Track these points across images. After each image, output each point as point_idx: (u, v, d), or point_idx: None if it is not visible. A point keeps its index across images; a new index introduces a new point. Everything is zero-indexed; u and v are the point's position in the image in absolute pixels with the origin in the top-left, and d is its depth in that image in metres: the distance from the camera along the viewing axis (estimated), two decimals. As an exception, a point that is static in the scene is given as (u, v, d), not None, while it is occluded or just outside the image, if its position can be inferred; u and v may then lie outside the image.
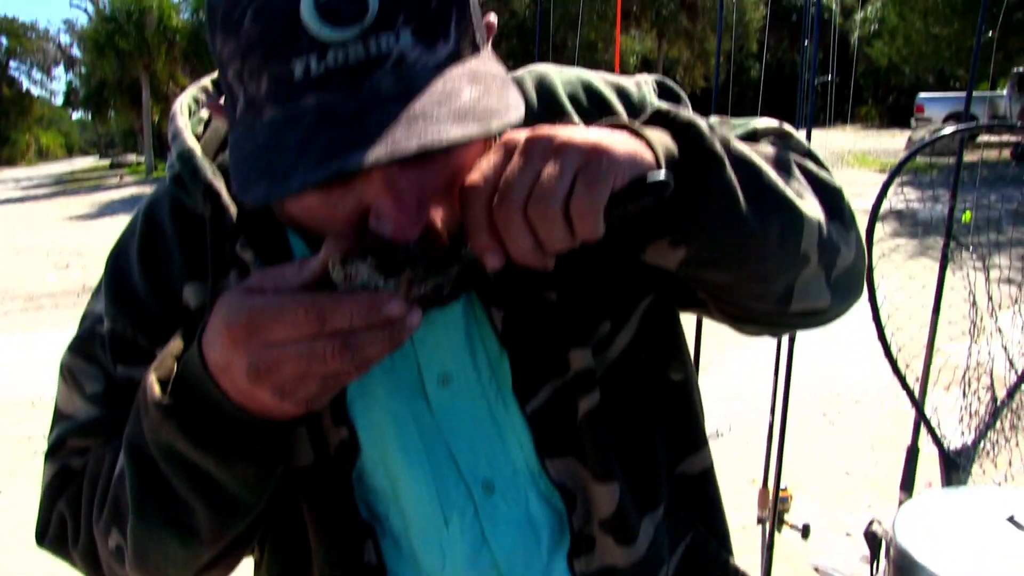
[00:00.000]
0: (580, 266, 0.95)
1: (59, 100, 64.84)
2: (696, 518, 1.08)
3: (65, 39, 58.28)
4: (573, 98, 1.00)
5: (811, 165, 0.95)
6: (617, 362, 0.99)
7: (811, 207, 0.89)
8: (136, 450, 0.83)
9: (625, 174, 0.73)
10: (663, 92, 1.04)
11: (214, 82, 1.06)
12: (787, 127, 1.02)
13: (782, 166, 0.89)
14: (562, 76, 1.02)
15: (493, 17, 0.83)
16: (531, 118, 0.96)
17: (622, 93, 1.02)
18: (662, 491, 1.03)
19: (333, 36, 0.68)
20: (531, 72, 1.03)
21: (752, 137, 0.97)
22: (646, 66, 40.62)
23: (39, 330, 8.80)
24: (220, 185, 0.91)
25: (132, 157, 42.44)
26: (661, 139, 0.78)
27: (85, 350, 0.99)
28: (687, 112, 0.82)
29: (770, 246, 0.84)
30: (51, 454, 1.01)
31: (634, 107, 1.00)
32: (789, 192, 0.86)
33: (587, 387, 0.95)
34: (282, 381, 0.72)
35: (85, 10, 45.06)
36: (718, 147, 0.80)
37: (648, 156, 0.76)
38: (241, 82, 0.72)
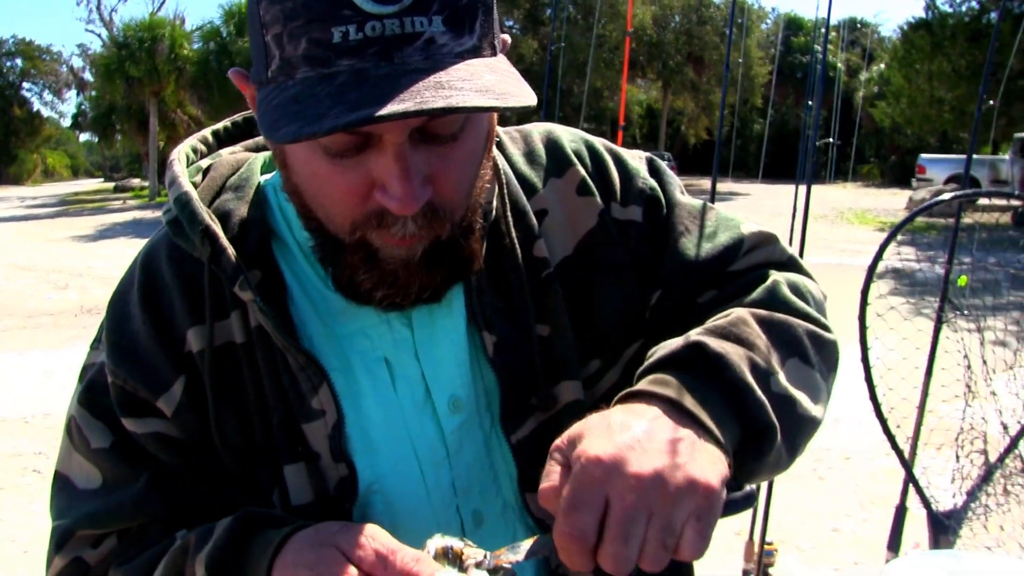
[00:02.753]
0: (576, 304, 1.00)
1: (67, 122, 65.17)
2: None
3: (78, 63, 58.81)
4: (576, 152, 1.08)
5: (812, 313, 1.02)
6: (602, 400, 1.00)
7: (822, 406, 0.96)
8: None
9: (722, 508, 0.78)
10: (651, 168, 1.11)
11: (214, 132, 1.10)
12: (771, 232, 1.10)
13: (798, 347, 0.96)
14: (567, 134, 1.10)
15: (507, 37, 0.89)
16: (540, 170, 1.06)
17: (617, 158, 1.09)
18: None
19: (374, 9, 0.75)
20: (538, 127, 1.11)
21: (739, 246, 1.05)
22: (651, 115, 40.99)
23: (35, 349, 8.78)
24: (217, 228, 0.92)
25: (136, 181, 42.48)
26: (721, 426, 0.82)
27: (91, 403, 0.98)
28: (735, 365, 0.86)
29: (790, 462, 0.93)
30: (59, 545, 0.98)
31: (627, 171, 1.08)
32: (812, 409, 0.93)
33: (577, 419, 0.97)
34: None
35: (99, 35, 45.44)
36: (772, 418, 0.85)
37: (727, 465, 0.80)
38: (280, 44, 0.78)
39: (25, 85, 59.67)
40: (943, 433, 3.13)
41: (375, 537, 0.80)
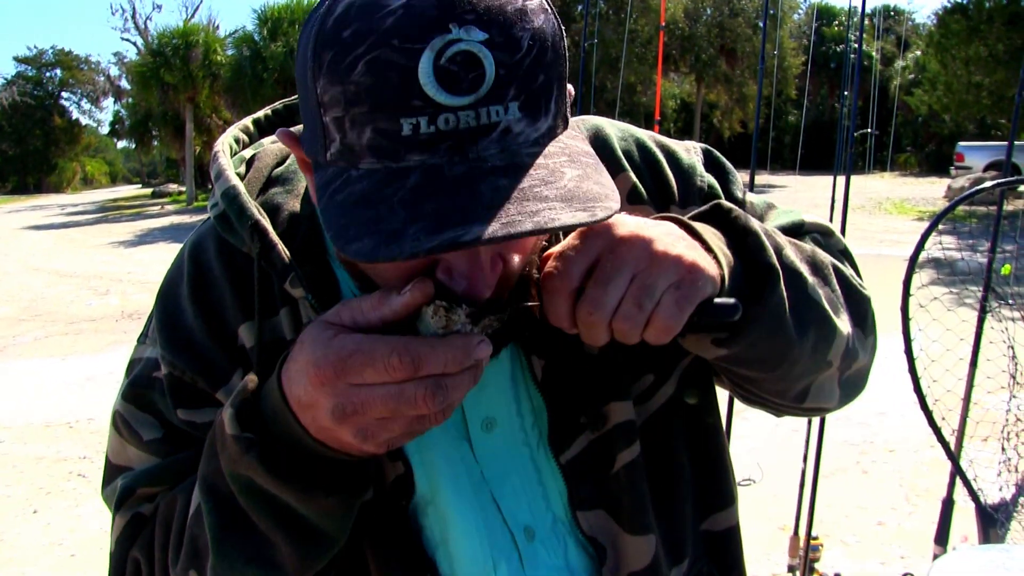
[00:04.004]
0: None
1: (105, 129, 65.98)
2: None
3: (115, 71, 59.37)
4: (627, 153, 1.03)
5: (846, 269, 1.03)
6: (657, 414, 1.00)
7: (843, 320, 0.97)
8: (213, 488, 0.85)
9: (705, 295, 0.79)
10: (709, 161, 1.08)
11: (255, 121, 1.07)
12: (830, 225, 1.10)
13: (821, 271, 0.97)
14: (616, 131, 1.05)
15: (572, 89, 0.84)
16: None
17: (671, 156, 1.05)
18: (688, 546, 1.03)
19: (448, 101, 0.68)
20: (585, 122, 1.05)
21: (799, 229, 1.05)
22: (685, 109, 40.78)
23: (77, 354, 8.92)
24: (266, 223, 0.90)
25: (173, 187, 42.84)
26: (721, 247, 0.84)
27: (139, 397, 0.98)
28: (747, 218, 0.89)
29: (803, 353, 0.92)
30: (120, 504, 1.00)
31: (682, 171, 1.04)
32: (826, 305, 0.93)
33: (627, 439, 0.96)
34: (367, 422, 0.73)
35: (135, 43, 46.00)
36: (775, 261, 0.86)
37: (718, 273, 0.81)
38: (340, 128, 0.72)
39: (64, 95, 60.64)
40: (989, 425, 3.08)
41: (345, 303, 0.79)
